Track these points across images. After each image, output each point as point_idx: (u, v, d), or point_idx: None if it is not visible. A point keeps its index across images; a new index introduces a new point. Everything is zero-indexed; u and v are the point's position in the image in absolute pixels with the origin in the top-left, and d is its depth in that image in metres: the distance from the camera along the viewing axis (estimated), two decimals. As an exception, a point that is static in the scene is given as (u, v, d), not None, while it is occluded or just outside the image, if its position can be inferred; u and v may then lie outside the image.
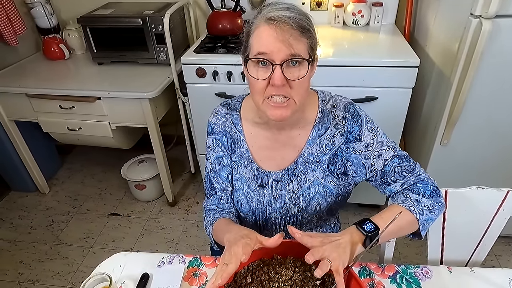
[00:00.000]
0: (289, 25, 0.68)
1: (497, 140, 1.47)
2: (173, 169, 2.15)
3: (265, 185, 0.89)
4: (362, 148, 0.84)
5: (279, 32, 0.68)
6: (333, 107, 0.86)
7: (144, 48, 1.87)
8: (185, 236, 1.95)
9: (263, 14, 0.70)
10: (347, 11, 1.85)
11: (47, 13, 2.02)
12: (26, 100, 1.82)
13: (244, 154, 0.90)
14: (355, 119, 0.84)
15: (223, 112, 0.92)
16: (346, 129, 0.84)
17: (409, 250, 1.79)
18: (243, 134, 0.90)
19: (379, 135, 0.84)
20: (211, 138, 0.93)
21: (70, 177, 2.44)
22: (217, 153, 0.92)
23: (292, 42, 0.68)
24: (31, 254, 1.89)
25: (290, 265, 0.72)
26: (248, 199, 0.91)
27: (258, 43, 0.70)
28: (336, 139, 0.85)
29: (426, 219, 0.78)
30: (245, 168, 0.90)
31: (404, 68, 1.46)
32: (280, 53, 0.68)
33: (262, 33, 0.70)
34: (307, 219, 0.92)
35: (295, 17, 0.69)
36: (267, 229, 0.97)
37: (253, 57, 0.71)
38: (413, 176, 0.83)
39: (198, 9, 2.09)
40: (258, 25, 0.71)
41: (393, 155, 0.84)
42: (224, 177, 0.93)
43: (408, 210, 0.78)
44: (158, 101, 1.79)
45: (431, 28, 1.62)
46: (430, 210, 0.79)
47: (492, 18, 1.18)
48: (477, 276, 0.82)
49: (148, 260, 0.89)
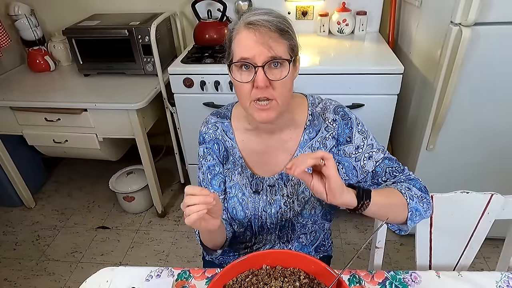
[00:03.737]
0: (267, 28, 0.70)
1: (481, 144, 1.49)
2: (162, 180, 2.12)
3: (260, 191, 0.90)
4: (352, 151, 0.85)
5: (258, 36, 0.70)
6: (323, 110, 0.87)
7: (131, 59, 1.86)
8: (175, 248, 1.92)
9: (242, 20, 0.73)
10: (332, 20, 1.88)
11: (31, 25, 2.00)
12: (11, 113, 1.79)
13: (237, 161, 0.90)
14: (345, 121, 0.85)
15: (213, 121, 0.92)
16: (337, 131, 0.85)
17: (399, 255, 1.80)
18: (235, 141, 0.90)
19: (369, 138, 0.86)
20: (202, 147, 0.93)
21: (57, 190, 2.40)
22: (209, 162, 0.92)
23: (271, 44, 0.70)
24: (16, 271, 1.83)
25: (279, 275, 0.72)
26: (243, 206, 0.91)
27: (240, 48, 0.72)
28: (328, 142, 0.86)
29: (415, 208, 0.78)
30: (239, 175, 0.90)
31: (389, 75, 1.49)
32: (261, 55, 0.70)
33: (242, 38, 0.72)
34: (302, 223, 0.92)
35: (273, 20, 0.71)
36: (261, 234, 0.97)
37: (236, 62, 0.73)
38: (403, 175, 0.85)
39: (185, 19, 2.10)
40: (238, 30, 0.73)
41: (383, 157, 0.85)
42: (216, 186, 0.93)
43: (398, 191, 0.78)
44: (145, 112, 1.78)
45: (414, 36, 1.66)
46: (419, 200, 0.79)
47: (471, 26, 1.21)
48: (465, 280, 0.82)
49: (136, 274, 0.88)
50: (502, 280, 0.82)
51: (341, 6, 1.85)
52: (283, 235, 0.96)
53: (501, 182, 1.56)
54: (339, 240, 1.89)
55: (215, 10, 1.86)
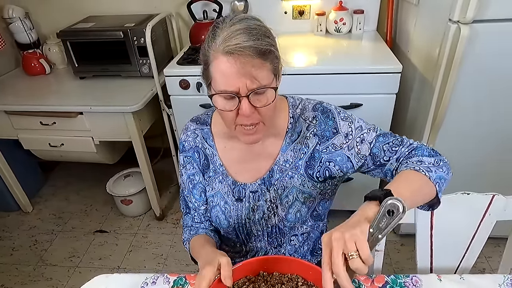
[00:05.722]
0: (249, 56, 0.64)
1: (481, 144, 1.48)
2: (160, 183, 2.11)
3: (242, 198, 0.87)
4: (342, 140, 0.81)
5: (239, 66, 0.65)
6: (302, 111, 0.85)
7: (126, 61, 1.84)
8: (174, 251, 1.90)
9: (219, 43, 0.66)
10: (329, 19, 1.87)
11: (26, 28, 1.98)
12: (6, 117, 1.77)
13: (218, 169, 0.88)
14: (326, 114, 0.82)
15: (193, 128, 0.90)
16: (319, 127, 0.82)
17: (400, 256, 1.79)
18: (215, 148, 0.88)
19: (355, 121, 0.82)
20: (182, 156, 0.91)
21: (54, 194, 2.38)
22: (189, 171, 0.91)
23: (255, 74, 0.66)
24: (13, 276, 1.81)
25: (276, 282, 0.70)
26: (226, 215, 0.89)
27: (221, 79, 0.67)
28: (309, 141, 0.83)
29: (438, 177, 0.71)
30: (220, 183, 0.88)
31: (387, 74, 1.47)
32: (245, 88, 0.67)
33: (222, 67, 0.66)
34: (289, 227, 0.90)
35: (254, 44, 0.65)
36: (251, 242, 0.95)
37: (218, 93, 0.69)
38: (404, 147, 0.79)
39: (181, 20, 2.08)
40: (216, 55, 0.67)
41: (376, 136, 0.81)
42: (197, 195, 0.91)
43: (413, 170, 0.70)
44: (142, 114, 1.77)
45: (411, 34, 1.64)
46: (437, 167, 0.72)
47: (469, 23, 1.20)
48: (467, 283, 0.81)
49: (131, 281, 0.86)
50: (504, 283, 0.80)
51: (338, 5, 1.84)
52: (273, 240, 0.94)
53: (502, 182, 1.54)
54: (339, 241, 1.87)
55: (211, 10, 1.84)
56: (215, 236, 0.94)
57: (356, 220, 0.58)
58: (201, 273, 0.67)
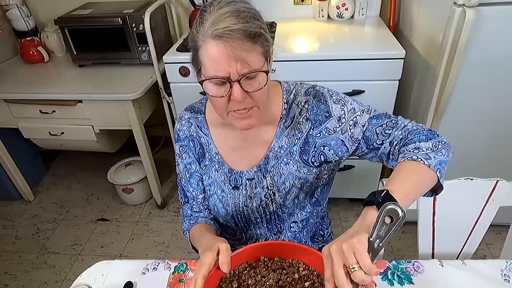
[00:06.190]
0: (239, 40, 0.63)
1: (484, 130, 1.46)
2: (161, 171, 2.11)
3: (239, 185, 0.87)
4: (335, 124, 0.79)
5: (229, 50, 0.63)
6: (295, 96, 0.83)
7: (125, 48, 1.82)
8: (175, 239, 1.91)
9: (208, 27, 0.64)
10: (331, 5, 1.83)
11: (23, 15, 1.95)
12: (5, 106, 1.76)
13: (214, 158, 0.87)
14: (318, 98, 0.81)
15: (187, 117, 0.89)
16: (311, 112, 0.80)
17: (401, 243, 1.79)
18: (210, 137, 0.87)
19: (348, 103, 0.80)
20: (177, 145, 0.90)
21: (55, 183, 2.38)
22: (185, 160, 0.90)
23: (245, 57, 0.64)
24: (17, 264, 1.83)
25: (277, 268, 0.70)
26: (224, 203, 0.88)
27: (211, 64, 0.66)
28: (302, 126, 0.81)
29: (437, 162, 0.67)
30: (216, 172, 0.87)
31: (389, 60, 1.45)
32: (235, 72, 0.65)
33: (212, 52, 0.64)
34: (288, 213, 0.90)
35: (243, 27, 0.63)
36: (250, 230, 0.95)
37: (209, 79, 0.67)
38: (398, 130, 0.76)
39: (180, 6, 2.04)
40: (205, 40, 0.65)
41: (369, 118, 0.78)
42: (195, 184, 0.91)
43: (411, 160, 0.67)
44: (142, 102, 1.75)
45: (415, 19, 1.61)
46: (435, 152, 0.69)
47: (475, 7, 1.17)
48: (469, 269, 0.80)
49: (132, 267, 0.86)
50: (507, 268, 0.80)
51: (340, -10, 1.80)
52: (272, 227, 0.93)
53: (505, 168, 1.52)
54: (339, 229, 1.87)
55: (210, -4, 1.81)
56: (215, 224, 0.94)
57: (355, 230, 0.57)
58: (201, 259, 0.67)
